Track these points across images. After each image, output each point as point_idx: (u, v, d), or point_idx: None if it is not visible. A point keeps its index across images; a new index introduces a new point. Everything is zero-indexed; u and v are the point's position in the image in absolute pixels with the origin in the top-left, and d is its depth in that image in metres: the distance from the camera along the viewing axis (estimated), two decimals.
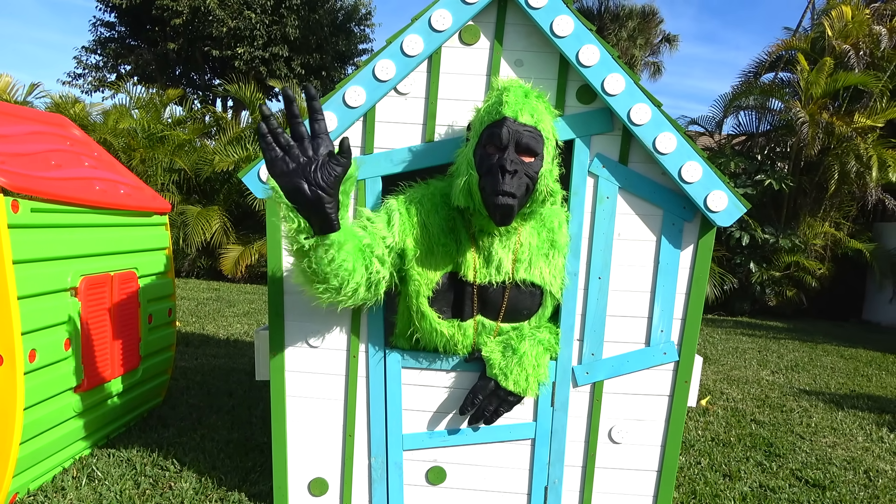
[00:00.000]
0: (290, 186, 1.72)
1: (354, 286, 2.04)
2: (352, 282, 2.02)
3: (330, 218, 1.80)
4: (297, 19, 16.64)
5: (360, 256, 2.05)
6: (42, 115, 3.33)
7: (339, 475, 2.55)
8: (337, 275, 1.95)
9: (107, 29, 18.44)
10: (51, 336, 2.63)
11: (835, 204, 10.65)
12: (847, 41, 10.15)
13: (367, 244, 2.11)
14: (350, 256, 1.96)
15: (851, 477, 3.45)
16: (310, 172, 1.71)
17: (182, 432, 3.47)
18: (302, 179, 1.71)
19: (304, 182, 1.71)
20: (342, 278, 1.98)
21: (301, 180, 1.71)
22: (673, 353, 2.41)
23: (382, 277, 2.16)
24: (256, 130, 1.77)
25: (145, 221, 3.47)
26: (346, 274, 1.97)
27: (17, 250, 2.42)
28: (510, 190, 2.05)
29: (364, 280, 2.08)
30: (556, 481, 2.48)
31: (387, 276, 2.18)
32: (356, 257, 2.01)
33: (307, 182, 1.71)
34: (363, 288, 2.10)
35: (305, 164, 1.72)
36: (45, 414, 2.62)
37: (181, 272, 10.94)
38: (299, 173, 1.72)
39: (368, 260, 2.10)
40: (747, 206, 2.29)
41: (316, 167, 1.72)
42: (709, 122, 11.81)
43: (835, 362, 6.88)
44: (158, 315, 3.54)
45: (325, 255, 1.88)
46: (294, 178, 1.72)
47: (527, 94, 2.13)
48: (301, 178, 1.71)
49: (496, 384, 2.32)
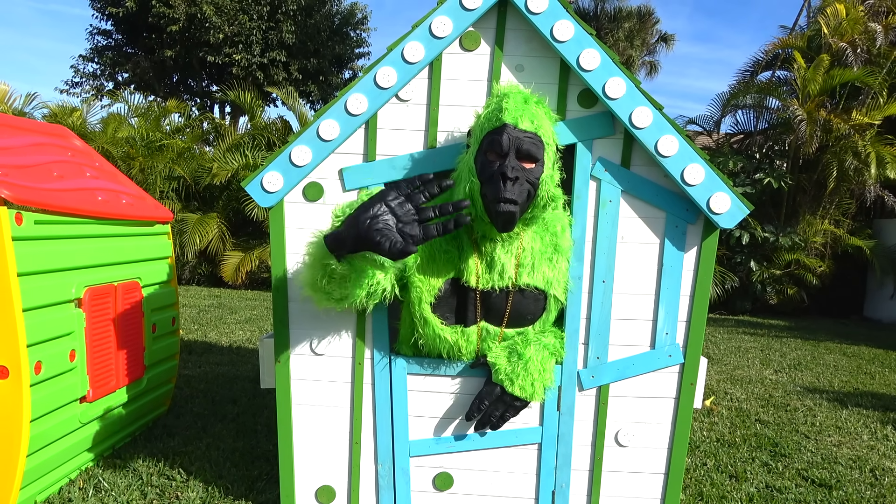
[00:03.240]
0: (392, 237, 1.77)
1: (354, 298, 2.13)
2: (352, 296, 2.11)
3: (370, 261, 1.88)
4: (293, 24, 16.67)
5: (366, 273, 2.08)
6: (43, 127, 3.33)
7: (346, 482, 2.55)
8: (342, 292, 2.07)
9: (103, 37, 18.49)
10: (56, 347, 2.63)
11: (834, 201, 10.65)
12: (843, 39, 10.17)
13: None
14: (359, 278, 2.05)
15: (857, 476, 3.45)
16: (391, 220, 1.79)
17: (187, 441, 3.46)
18: (382, 216, 1.78)
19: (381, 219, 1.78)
20: (344, 294, 2.09)
21: (381, 216, 1.78)
22: (678, 355, 2.41)
23: (383, 289, 2.18)
24: (408, 182, 1.87)
25: (147, 231, 3.47)
26: (348, 290, 2.07)
27: (22, 263, 2.42)
28: (512, 197, 2.06)
29: (364, 293, 2.14)
30: (563, 485, 2.48)
31: (388, 288, 2.20)
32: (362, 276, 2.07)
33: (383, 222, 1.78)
34: (363, 297, 2.16)
35: (397, 215, 1.80)
36: (51, 425, 2.62)
37: (182, 279, 10.93)
38: (386, 213, 1.79)
39: (371, 275, 2.12)
40: (750, 208, 2.30)
41: (405, 225, 1.79)
42: (707, 121, 11.82)
43: (837, 360, 6.88)
44: (162, 324, 3.54)
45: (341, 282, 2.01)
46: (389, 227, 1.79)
47: (526, 100, 2.13)
48: (383, 215, 1.79)
49: (502, 389, 2.32)
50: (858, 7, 10.46)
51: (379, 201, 1.79)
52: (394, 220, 1.78)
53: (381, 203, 1.79)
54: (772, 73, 11.86)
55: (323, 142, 2.36)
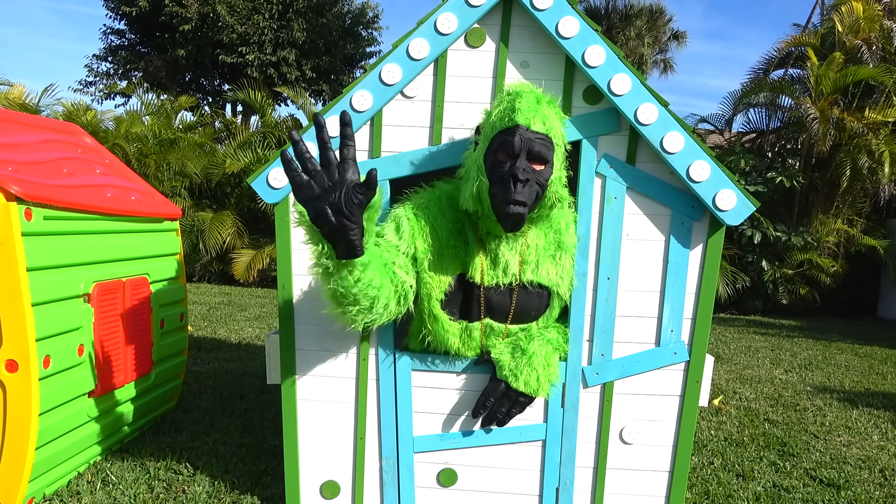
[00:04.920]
0: (316, 211, 1.73)
1: (385, 302, 2.04)
2: (382, 298, 2.02)
3: (353, 244, 1.80)
4: (304, 23, 16.72)
5: (385, 271, 2.05)
6: (53, 124, 3.37)
7: (351, 478, 2.56)
8: (366, 294, 1.96)
9: (117, 36, 18.63)
10: (64, 342, 2.66)
11: (847, 200, 10.54)
12: (858, 36, 10.06)
13: (387, 258, 2.12)
14: (376, 274, 1.97)
15: (867, 476, 3.42)
16: (335, 198, 1.71)
17: (195, 436, 3.49)
18: (326, 205, 1.71)
19: (328, 208, 1.71)
20: (372, 297, 1.98)
21: (325, 206, 1.71)
22: (683, 352, 2.40)
23: (410, 286, 2.16)
24: (281, 156, 1.73)
25: (156, 227, 3.50)
26: (374, 292, 1.97)
27: (31, 258, 2.45)
28: (521, 199, 2.05)
29: (393, 294, 2.09)
30: (567, 482, 2.48)
31: (413, 284, 2.18)
32: (381, 273, 2.01)
33: (332, 208, 1.71)
34: (393, 302, 2.10)
35: (330, 189, 1.71)
36: (59, 419, 2.65)
37: (193, 277, 11.00)
38: (324, 199, 1.71)
39: (392, 273, 2.11)
40: (756, 205, 2.28)
41: (340, 194, 1.71)
42: (718, 119, 11.73)
43: (849, 360, 6.82)
44: (170, 320, 3.57)
45: (350, 276, 1.89)
46: (319, 203, 1.72)
47: (539, 101, 2.12)
48: (326, 203, 1.71)
49: (507, 386, 2.32)
50: (875, 5, 10.35)
51: (310, 204, 1.72)
52: (332, 194, 1.70)
53: (312, 203, 1.72)
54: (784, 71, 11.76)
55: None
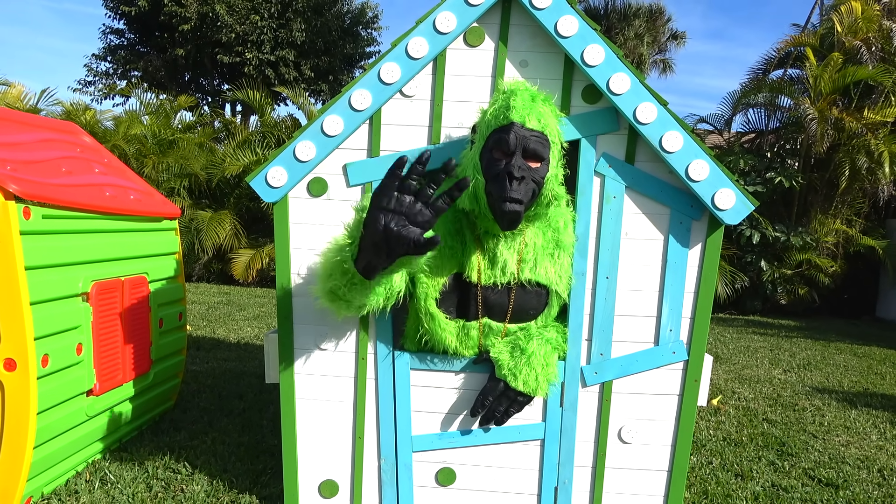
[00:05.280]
0: (379, 221, 1.74)
1: (373, 306, 2.11)
2: (371, 304, 2.08)
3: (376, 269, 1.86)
4: (303, 23, 16.71)
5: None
6: (52, 123, 3.36)
7: (350, 477, 2.56)
8: (359, 299, 2.02)
9: (116, 36, 18.62)
10: (63, 341, 2.65)
11: (846, 201, 10.55)
12: (857, 37, 10.07)
13: None
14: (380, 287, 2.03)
15: (865, 476, 3.43)
16: (397, 225, 1.73)
17: (193, 436, 3.49)
18: (392, 223, 1.73)
19: (390, 225, 1.73)
20: (364, 302, 2.05)
21: (391, 223, 1.73)
22: (682, 352, 2.40)
23: (399, 291, 2.18)
24: (396, 161, 1.78)
25: (155, 226, 3.49)
26: (365, 298, 2.04)
27: (29, 256, 2.44)
28: (517, 196, 2.06)
29: (382, 299, 2.12)
30: (566, 482, 2.48)
31: (402, 289, 2.20)
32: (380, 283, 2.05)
33: (388, 229, 1.73)
34: (381, 304, 2.14)
35: (402, 216, 1.74)
36: (58, 418, 2.64)
37: (192, 276, 11.00)
38: (390, 217, 1.74)
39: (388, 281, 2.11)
40: (755, 204, 2.28)
41: (404, 226, 1.73)
42: (718, 119, 11.74)
43: (848, 360, 6.82)
44: (169, 319, 3.56)
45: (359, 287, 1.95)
46: (387, 215, 1.74)
47: (534, 98, 2.13)
48: (391, 221, 1.73)
49: (506, 385, 2.32)
50: (874, 5, 10.36)
51: (378, 211, 1.75)
52: (402, 218, 1.74)
53: (380, 213, 1.74)
54: (784, 72, 11.76)
55: (327, 137, 2.37)
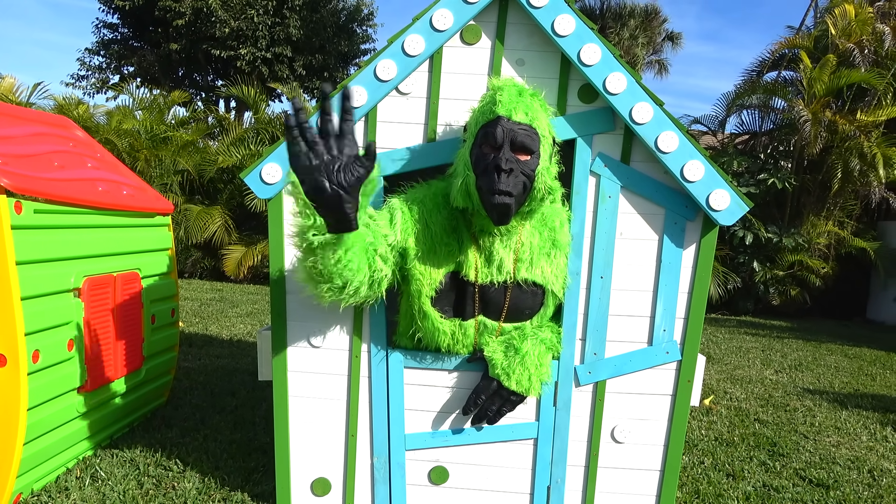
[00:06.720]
0: (312, 183, 1.73)
1: (357, 285, 2.05)
2: (355, 281, 2.03)
3: (348, 217, 1.82)
4: (299, 20, 16.65)
5: (364, 255, 2.05)
6: (45, 117, 3.34)
7: (342, 475, 2.55)
8: (342, 274, 1.97)
9: (110, 30, 18.48)
10: (54, 337, 2.63)
11: (838, 202, 10.60)
12: (850, 40, 10.11)
13: (370, 242, 2.12)
14: (356, 257, 1.97)
15: (855, 476, 3.44)
16: (332, 171, 1.72)
17: (185, 433, 3.47)
18: (324, 177, 1.72)
19: (325, 180, 1.72)
20: (346, 278, 1.99)
21: (323, 178, 1.72)
22: (675, 352, 2.41)
23: (385, 276, 2.17)
24: (284, 122, 1.74)
25: (148, 222, 3.48)
26: (350, 274, 1.98)
27: (21, 251, 2.42)
28: (506, 189, 2.05)
29: (367, 279, 2.09)
30: (558, 481, 2.48)
31: (388, 275, 2.19)
32: (362, 257, 2.02)
33: (329, 180, 1.72)
34: (365, 287, 2.10)
35: (329, 162, 1.72)
36: (48, 414, 2.63)
37: (184, 273, 10.95)
38: (322, 170, 1.72)
39: (371, 258, 2.11)
40: (749, 205, 2.29)
41: (339, 166, 1.72)
42: (712, 121, 11.77)
43: (839, 361, 6.86)
44: (161, 315, 3.55)
45: (332, 255, 1.90)
46: (316, 174, 1.72)
47: (520, 93, 2.13)
48: (323, 175, 1.72)
49: (499, 384, 2.32)
50: (867, 8, 10.41)
51: (306, 176, 1.73)
52: (329, 165, 1.72)
53: (310, 176, 1.73)
54: (778, 74, 11.81)
55: None
